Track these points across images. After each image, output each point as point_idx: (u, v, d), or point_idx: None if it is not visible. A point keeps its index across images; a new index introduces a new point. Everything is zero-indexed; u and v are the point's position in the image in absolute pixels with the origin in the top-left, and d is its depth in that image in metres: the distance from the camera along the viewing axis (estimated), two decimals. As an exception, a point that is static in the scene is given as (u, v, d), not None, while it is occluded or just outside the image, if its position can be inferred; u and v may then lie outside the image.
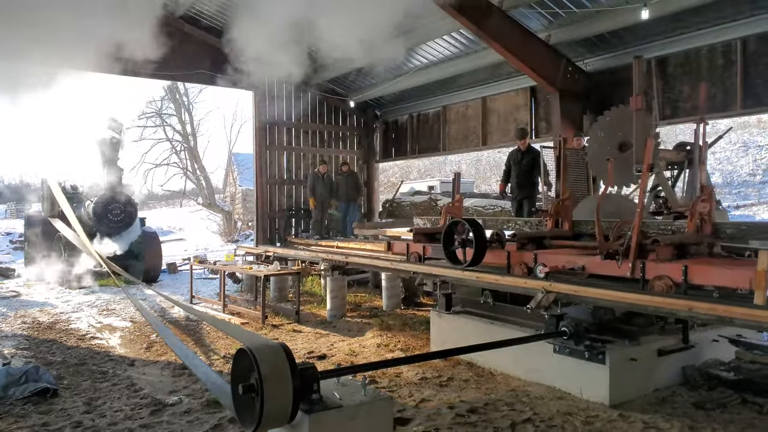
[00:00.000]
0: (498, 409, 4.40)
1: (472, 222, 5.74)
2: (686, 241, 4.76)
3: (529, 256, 5.51)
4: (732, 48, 7.87)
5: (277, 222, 13.30)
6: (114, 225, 12.26)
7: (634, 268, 4.62)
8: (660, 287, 4.41)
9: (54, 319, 8.44)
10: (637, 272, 4.61)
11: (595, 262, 4.98)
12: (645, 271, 4.58)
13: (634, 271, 4.63)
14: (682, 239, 4.77)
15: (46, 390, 4.81)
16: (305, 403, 2.95)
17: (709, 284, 4.28)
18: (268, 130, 13.17)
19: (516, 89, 10.93)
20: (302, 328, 7.62)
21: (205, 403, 4.58)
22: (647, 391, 4.70)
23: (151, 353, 6.40)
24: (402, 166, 32.93)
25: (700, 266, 4.33)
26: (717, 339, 5.06)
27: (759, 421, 4.13)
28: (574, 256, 5.23)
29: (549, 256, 5.40)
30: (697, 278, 4.29)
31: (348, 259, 8.40)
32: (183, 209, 37.18)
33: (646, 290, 4.46)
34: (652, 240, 4.61)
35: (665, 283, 4.41)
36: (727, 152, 27.59)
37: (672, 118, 8.73)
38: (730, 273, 4.13)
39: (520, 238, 5.81)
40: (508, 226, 6.82)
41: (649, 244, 4.61)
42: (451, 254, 5.96)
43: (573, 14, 8.65)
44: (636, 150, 5.33)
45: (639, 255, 4.63)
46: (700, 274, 4.28)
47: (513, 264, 5.66)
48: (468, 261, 5.67)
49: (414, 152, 14.01)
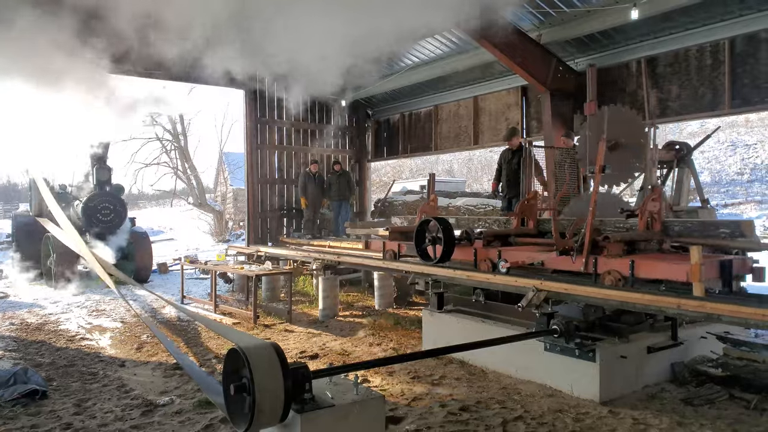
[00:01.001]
0: (489, 407, 4.43)
1: (441, 221, 5.99)
2: (635, 238, 5.08)
3: (494, 253, 5.79)
4: (720, 48, 7.95)
5: (268, 222, 13.26)
6: (103, 225, 12.17)
7: (587, 263, 4.94)
8: (610, 281, 4.73)
9: (43, 320, 8.37)
10: (590, 267, 4.92)
11: (552, 257, 5.29)
12: (597, 266, 4.89)
13: (587, 266, 4.94)
14: (631, 236, 5.09)
15: (35, 392, 4.77)
16: (297, 403, 2.95)
17: (652, 277, 4.58)
18: (259, 129, 13.13)
19: (507, 88, 10.98)
20: (294, 327, 7.61)
21: (197, 404, 4.56)
22: (637, 387, 4.75)
23: (142, 354, 6.37)
24: (394, 165, 32.97)
25: (644, 261, 4.65)
26: (705, 336, 5.12)
27: (746, 416, 4.17)
28: (535, 253, 5.56)
29: (512, 253, 5.70)
30: (643, 272, 4.60)
31: (340, 258, 8.40)
32: (173, 209, 36.93)
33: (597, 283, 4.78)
34: (603, 237, 4.94)
35: (614, 277, 4.71)
36: (716, 151, 27.85)
37: (661, 117, 8.80)
38: (670, 267, 4.46)
39: (487, 236, 6.10)
40: (478, 224, 7.04)
41: (600, 240, 4.93)
42: (423, 251, 6.20)
43: (564, 14, 8.70)
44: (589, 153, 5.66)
45: (592, 251, 4.94)
46: (644, 269, 4.60)
47: (479, 260, 5.93)
48: (438, 257, 5.94)
49: (406, 151, 14.03)
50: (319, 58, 8.29)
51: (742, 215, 20.66)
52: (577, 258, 5.01)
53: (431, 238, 6.06)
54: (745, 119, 27.96)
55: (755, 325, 3.78)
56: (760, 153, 27.01)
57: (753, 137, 28.02)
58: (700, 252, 4.15)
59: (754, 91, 7.71)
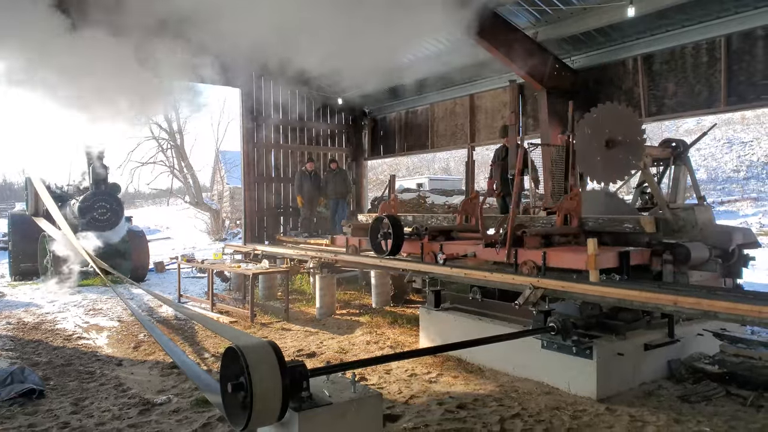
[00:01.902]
0: (487, 404, 4.43)
1: (391, 218, 6.81)
2: (551, 232, 5.69)
3: (437, 246, 6.50)
4: (716, 45, 7.96)
5: (265, 220, 13.24)
6: (100, 224, 12.14)
7: (509, 254, 5.51)
8: (526, 270, 5.32)
9: (39, 319, 8.34)
10: (511, 258, 5.49)
11: (481, 249, 5.94)
12: (517, 256, 5.45)
13: (509, 256, 5.53)
14: (547, 231, 5.70)
15: (32, 391, 4.76)
16: (294, 401, 2.95)
17: (560, 266, 5.15)
18: (255, 128, 13.10)
19: (503, 86, 10.97)
20: (291, 326, 7.61)
21: (194, 402, 4.56)
22: (634, 385, 4.76)
23: (139, 353, 6.36)
24: (391, 163, 32.92)
25: (554, 253, 5.27)
26: (702, 333, 5.13)
27: (743, 413, 4.19)
28: (469, 246, 6.27)
29: (450, 246, 6.49)
30: (553, 262, 5.17)
31: (337, 257, 8.39)
32: (170, 208, 36.85)
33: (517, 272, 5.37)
34: (522, 231, 5.55)
35: (530, 266, 5.29)
36: (712, 149, 27.93)
37: (657, 114, 8.81)
38: (573, 257, 5.06)
39: (431, 231, 6.85)
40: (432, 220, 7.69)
41: (520, 234, 5.54)
42: (377, 245, 6.93)
43: (560, 11, 8.70)
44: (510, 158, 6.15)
45: (513, 244, 5.51)
46: (554, 259, 5.18)
47: (425, 252, 6.64)
48: (389, 250, 6.70)
49: (402, 150, 14.01)
50: (316, 55, 8.29)
51: (738, 212, 20.74)
52: (501, 250, 5.62)
53: (383, 233, 6.81)
54: (741, 116, 28.04)
55: (752, 322, 3.79)
56: (756, 150, 27.10)
57: (749, 134, 28.10)
58: (595, 244, 4.73)
59: (750, 89, 7.72)
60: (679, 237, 5.26)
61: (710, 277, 5.32)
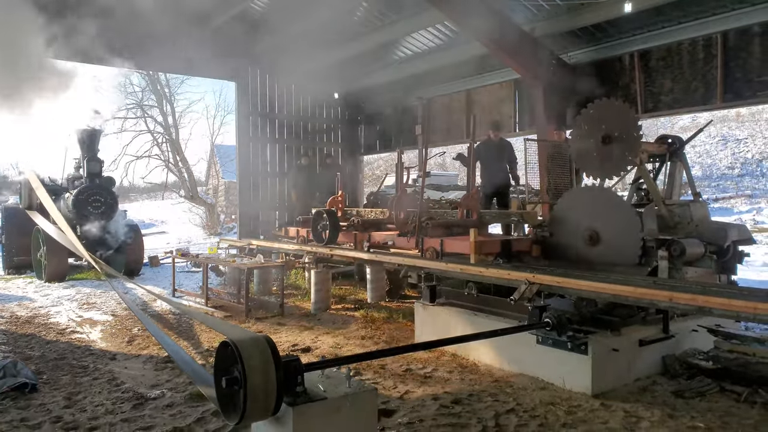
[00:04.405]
0: (482, 400, 4.43)
1: (329, 212, 8.21)
2: (451, 223, 6.93)
3: (366, 236, 7.82)
4: (713, 42, 7.96)
5: (260, 214, 13.20)
6: (94, 217, 12.05)
7: (417, 242, 6.80)
8: (429, 255, 6.63)
9: (33, 313, 8.30)
10: (419, 245, 6.77)
11: (397, 238, 7.33)
12: (423, 244, 6.75)
13: (417, 244, 6.80)
14: (447, 222, 6.96)
15: (25, 385, 4.72)
16: (289, 396, 2.93)
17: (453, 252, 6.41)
18: (251, 122, 13.04)
19: (500, 82, 10.94)
20: (286, 321, 7.59)
21: (188, 397, 4.54)
22: (628, 380, 4.77)
23: (133, 347, 6.33)
24: (386, 158, 32.87)
25: (448, 240, 6.60)
26: (696, 329, 5.14)
27: (737, 409, 4.21)
28: (389, 235, 7.58)
29: (375, 235, 7.81)
30: (447, 248, 6.48)
31: (332, 251, 8.38)
32: (165, 202, 36.66)
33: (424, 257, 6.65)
34: (426, 222, 6.76)
35: (431, 252, 6.60)
36: (707, 146, 28.03)
37: (654, 111, 8.82)
38: (461, 244, 6.33)
39: (363, 223, 8.20)
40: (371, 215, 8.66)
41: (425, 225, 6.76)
42: (318, 235, 8.27)
43: (557, 7, 8.68)
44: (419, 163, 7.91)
45: (420, 233, 6.78)
46: (448, 246, 6.51)
47: (357, 241, 7.99)
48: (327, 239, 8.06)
49: (398, 145, 13.95)
50: (312, 52, 8.27)
51: (732, 209, 20.83)
52: (411, 238, 6.83)
53: (322, 225, 8.13)
54: (736, 113, 28.15)
55: (746, 318, 3.80)
56: (751, 147, 27.21)
57: (744, 132, 28.22)
58: (476, 233, 5.95)
59: (746, 85, 7.73)
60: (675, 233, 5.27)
61: (705, 273, 5.34)
